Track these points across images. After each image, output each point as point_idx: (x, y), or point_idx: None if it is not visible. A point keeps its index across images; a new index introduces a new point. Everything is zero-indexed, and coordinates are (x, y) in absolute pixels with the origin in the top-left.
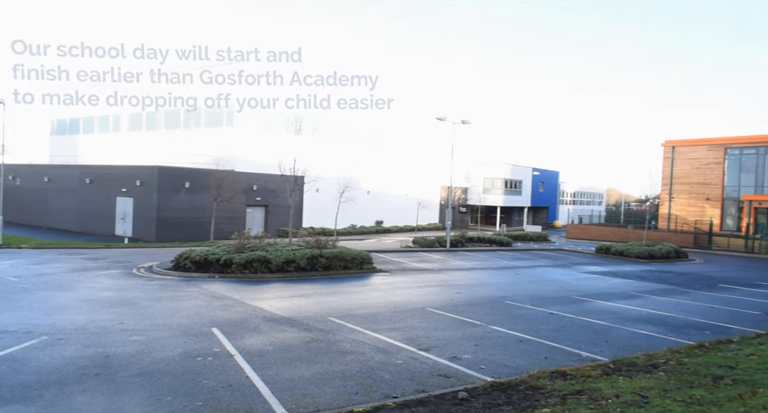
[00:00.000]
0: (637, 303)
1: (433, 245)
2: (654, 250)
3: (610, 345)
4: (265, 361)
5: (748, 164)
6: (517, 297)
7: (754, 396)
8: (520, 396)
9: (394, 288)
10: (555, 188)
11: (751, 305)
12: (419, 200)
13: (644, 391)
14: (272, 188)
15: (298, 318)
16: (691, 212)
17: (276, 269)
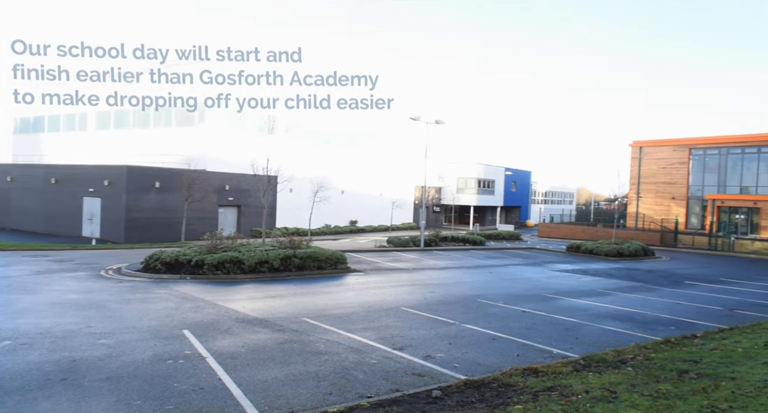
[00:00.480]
0: (607, 300)
1: (407, 244)
2: (622, 248)
3: (581, 341)
4: (238, 363)
5: (712, 164)
6: (490, 296)
7: (716, 389)
8: (492, 394)
9: (368, 288)
10: (527, 187)
11: (714, 301)
12: (393, 199)
13: (613, 386)
14: (245, 187)
15: (271, 319)
16: (657, 210)
17: (249, 270)
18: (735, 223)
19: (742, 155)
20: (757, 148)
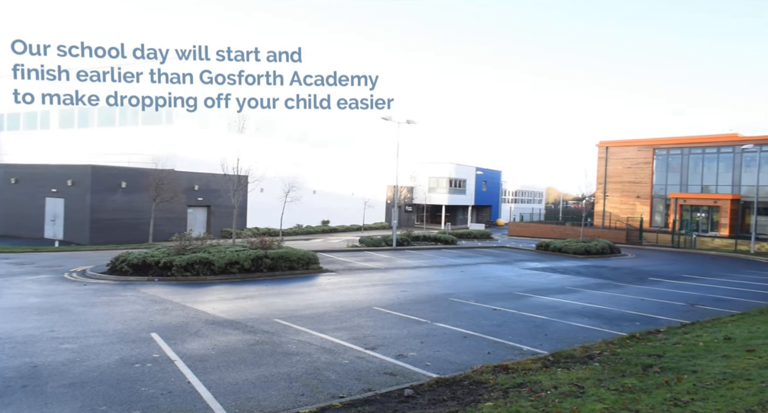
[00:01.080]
0: (575, 297)
1: (379, 244)
2: (590, 246)
3: (550, 338)
4: (208, 365)
5: (674, 164)
6: (462, 294)
7: (679, 382)
8: (464, 391)
9: (340, 288)
10: (497, 186)
11: (677, 297)
12: (366, 199)
13: (581, 381)
14: (215, 187)
15: (242, 321)
16: (623, 209)
17: (219, 271)
18: (696, 221)
19: (702, 155)
20: (717, 148)
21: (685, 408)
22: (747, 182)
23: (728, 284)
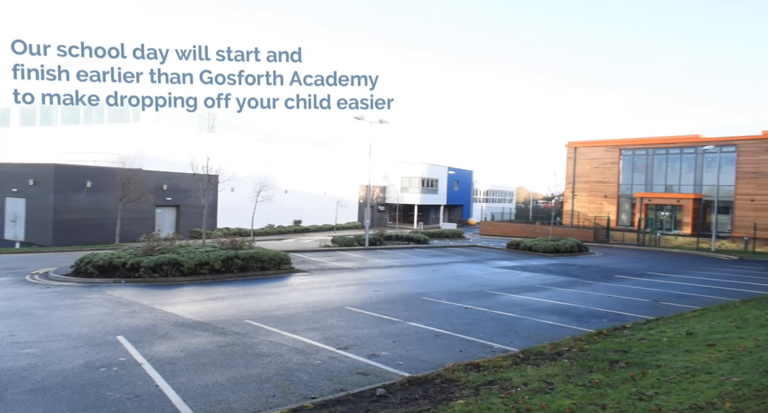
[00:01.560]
0: (544, 295)
1: (352, 243)
2: (559, 245)
3: (520, 335)
4: (177, 368)
5: (640, 164)
6: (434, 293)
7: (644, 376)
8: (436, 390)
9: (312, 288)
10: (469, 186)
11: (642, 293)
12: (338, 199)
13: (550, 378)
14: (184, 187)
15: (212, 322)
16: (591, 208)
17: (188, 272)
18: (661, 220)
19: (666, 155)
20: (680, 149)
21: (650, 402)
22: (708, 181)
23: (690, 281)
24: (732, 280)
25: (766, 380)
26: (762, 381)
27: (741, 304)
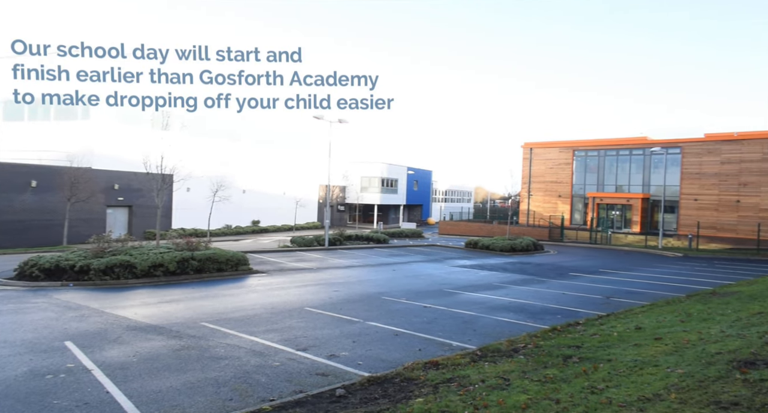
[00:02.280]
0: (501, 293)
1: (311, 244)
2: (515, 243)
3: (478, 333)
4: (129, 374)
5: (592, 165)
6: (394, 292)
7: (596, 370)
8: (395, 389)
9: (271, 289)
10: (428, 186)
11: (595, 290)
12: (297, 198)
13: (506, 374)
14: (137, 187)
15: (166, 325)
16: (546, 208)
17: (142, 275)
18: (611, 219)
19: (617, 156)
20: (629, 150)
21: (601, 395)
22: (655, 182)
23: (639, 277)
24: (677, 276)
25: (708, 371)
26: (704, 372)
27: (685, 299)
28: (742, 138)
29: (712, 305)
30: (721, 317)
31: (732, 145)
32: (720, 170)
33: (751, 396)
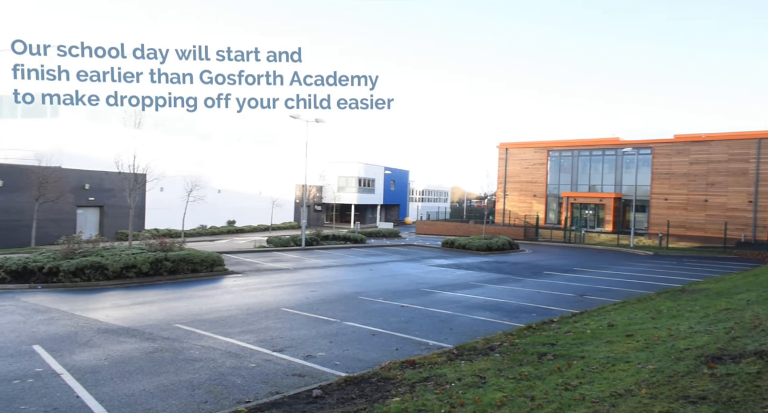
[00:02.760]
0: (478, 292)
1: (288, 244)
2: (491, 243)
3: (454, 332)
4: (100, 377)
5: (566, 165)
6: (371, 292)
7: (570, 367)
8: (372, 388)
9: (247, 290)
10: (405, 186)
11: (569, 288)
12: (274, 198)
13: (482, 372)
14: (108, 186)
15: (139, 328)
16: (521, 207)
17: (114, 276)
18: (585, 218)
19: (590, 157)
20: (602, 151)
21: (575, 392)
22: (627, 182)
23: (611, 275)
24: (648, 274)
25: (677, 366)
26: (674, 367)
27: (656, 296)
28: (710, 139)
29: (682, 302)
30: (689, 313)
31: (700, 146)
32: (689, 171)
33: (718, 390)
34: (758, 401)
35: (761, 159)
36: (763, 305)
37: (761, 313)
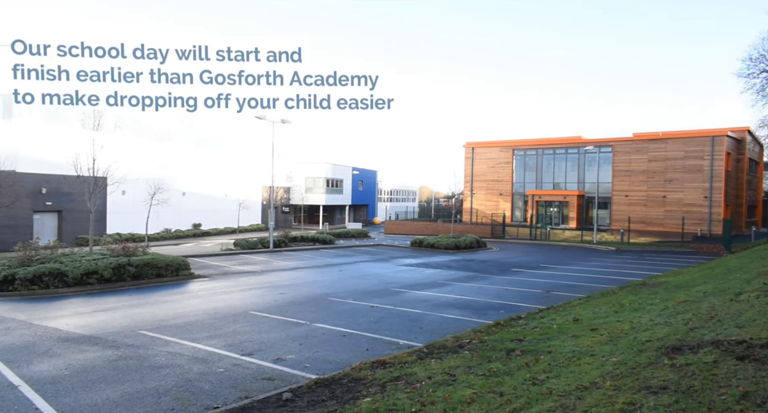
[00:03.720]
0: (446, 291)
1: (255, 246)
2: (459, 241)
3: (424, 331)
4: (61, 388)
5: (531, 164)
6: (340, 293)
7: (537, 362)
8: (343, 390)
9: (214, 294)
10: (373, 186)
11: (535, 285)
12: (240, 200)
13: (452, 370)
14: (67, 190)
15: (102, 335)
16: (488, 206)
17: (74, 283)
18: (550, 215)
19: (553, 155)
20: (565, 149)
21: (542, 386)
22: (589, 179)
23: (576, 271)
24: (611, 269)
25: (639, 358)
26: (636, 359)
27: (618, 290)
28: (667, 137)
29: (643, 296)
30: (650, 306)
31: (658, 143)
32: (648, 168)
33: (677, 380)
34: (715, 389)
35: (715, 156)
36: (719, 296)
37: (717, 304)
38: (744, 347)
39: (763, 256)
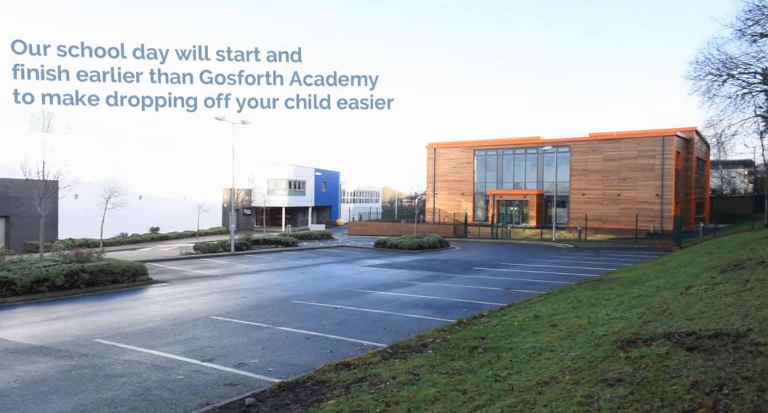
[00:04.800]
0: (410, 291)
1: (216, 250)
2: (422, 241)
3: (388, 331)
4: (8, 402)
5: (491, 164)
6: (304, 296)
7: (499, 359)
8: (307, 393)
9: (173, 299)
10: (336, 187)
11: (497, 283)
12: (200, 203)
13: (416, 369)
14: (14, 195)
15: (53, 345)
16: (451, 205)
17: (23, 291)
18: (510, 214)
19: (513, 155)
20: (524, 149)
21: (504, 382)
22: (548, 178)
23: (536, 269)
24: (570, 266)
25: (597, 352)
26: (594, 353)
27: (577, 287)
28: (621, 137)
29: (599, 291)
30: (606, 301)
31: (612, 143)
32: (603, 167)
33: (632, 372)
34: (667, 379)
35: (665, 155)
36: (670, 290)
37: (669, 298)
38: (693, 338)
39: (710, 251)
